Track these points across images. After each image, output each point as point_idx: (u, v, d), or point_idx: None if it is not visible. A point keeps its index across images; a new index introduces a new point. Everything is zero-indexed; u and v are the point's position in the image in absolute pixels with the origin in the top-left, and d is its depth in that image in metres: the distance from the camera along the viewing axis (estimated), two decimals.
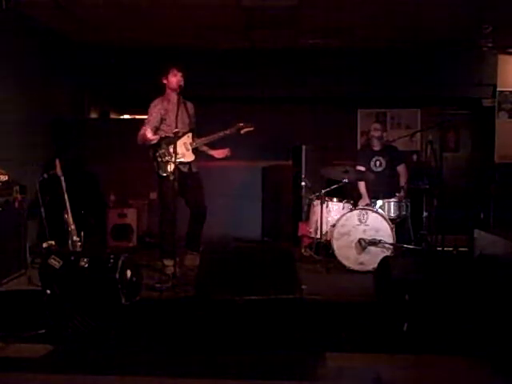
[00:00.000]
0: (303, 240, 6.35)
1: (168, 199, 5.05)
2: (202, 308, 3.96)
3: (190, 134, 5.23)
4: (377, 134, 6.23)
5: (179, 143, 5.10)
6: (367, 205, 5.90)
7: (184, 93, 5.15)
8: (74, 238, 4.68)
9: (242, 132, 5.22)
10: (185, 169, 5.21)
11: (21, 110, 6.22)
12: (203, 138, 5.27)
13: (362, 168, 6.15)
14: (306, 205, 6.50)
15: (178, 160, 4.98)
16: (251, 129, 5.24)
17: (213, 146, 5.36)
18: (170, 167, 4.98)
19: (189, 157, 5.20)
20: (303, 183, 6.64)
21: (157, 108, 5.20)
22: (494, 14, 6.00)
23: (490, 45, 6.82)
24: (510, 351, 3.17)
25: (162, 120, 5.17)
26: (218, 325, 3.70)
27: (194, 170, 5.28)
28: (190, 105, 5.35)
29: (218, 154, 5.34)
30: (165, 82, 5.19)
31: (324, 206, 5.72)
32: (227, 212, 7.34)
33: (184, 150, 5.17)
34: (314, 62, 7.69)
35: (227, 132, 5.21)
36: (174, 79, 5.13)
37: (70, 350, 3.30)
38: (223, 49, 7.62)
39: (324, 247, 5.70)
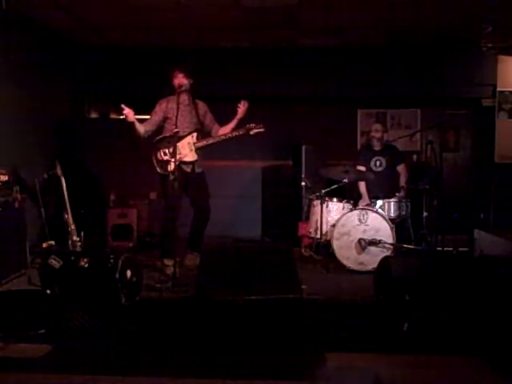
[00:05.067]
0: (303, 240, 6.35)
1: (168, 199, 5.06)
2: (202, 308, 3.97)
3: (195, 134, 5.23)
4: (377, 134, 6.23)
5: (183, 143, 5.13)
6: (367, 205, 5.90)
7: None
8: (74, 237, 4.68)
9: (251, 133, 5.23)
10: (188, 169, 5.22)
11: (21, 110, 6.22)
12: (210, 138, 5.27)
13: (362, 168, 6.15)
14: (306, 205, 6.50)
15: (179, 159, 5.00)
16: (261, 130, 5.23)
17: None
18: (171, 166, 4.99)
19: (191, 157, 5.21)
20: (303, 183, 6.63)
21: (161, 107, 5.24)
22: (493, 13, 6.01)
23: (489, 45, 6.82)
24: (510, 351, 3.17)
25: (166, 119, 5.20)
26: (218, 325, 3.70)
27: (197, 170, 5.29)
28: (201, 104, 5.36)
29: (241, 113, 5.31)
30: (173, 84, 5.22)
31: (324, 205, 5.72)
32: (227, 212, 7.34)
33: (187, 150, 5.18)
34: (313, 61, 7.69)
35: (236, 133, 5.21)
36: (176, 80, 5.15)
37: (70, 350, 3.30)
38: (223, 48, 7.62)
39: (324, 247, 5.70)
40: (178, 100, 5.07)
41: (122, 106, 5.06)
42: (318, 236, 5.76)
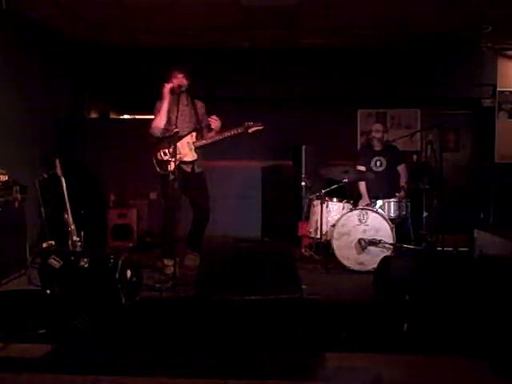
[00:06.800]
0: (303, 240, 6.35)
1: (169, 198, 5.06)
2: (202, 308, 3.96)
3: (194, 134, 5.23)
4: (378, 135, 6.23)
5: (183, 142, 5.13)
6: (367, 205, 5.90)
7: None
8: (74, 237, 4.68)
9: (250, 131, 5.20)
10: (188, 168, 5.23)
11: (21, 110, 6.22)
12: (208, 138, 5.26)
13: (362, 168, 6.15)
14: (305, 205, 6.50)
15: (179, 159, 5.00)
16: (260, 128, 5.21)
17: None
18: (171, 166, 4.99)
19: (191, 156, 5.21)
20: (303, 183, 6.63)
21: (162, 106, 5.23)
22: (494, 13, 6.00)
23: (489, 45, 6.82)
24: (510, 351, 3.17)
25: (167, 119, 5.20)
26: (218, 325, 3.70)
27: (197, 170, 5.29)
28: (200, 104, 5.36)
29: (214, 125, 5.23)
30: (171, 83, 5.22)
31: (324, 205, 5.72)
32: (227, 212, 7.34)
33: (187, 150, 5.18)
34: (314, 61, 7.69)
35: (235, 132, 5.19)
36: (176, 81, 5.16)
37: (70, 350, 3.30)
38: (223, 49, 7.62)
39: (324, 247, 5.70)
40: (178, 100, 5.08)
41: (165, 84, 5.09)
42: (318, 236, 5.76)
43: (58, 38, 7.14)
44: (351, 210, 5.68)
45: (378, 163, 6.20)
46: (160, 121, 5.15)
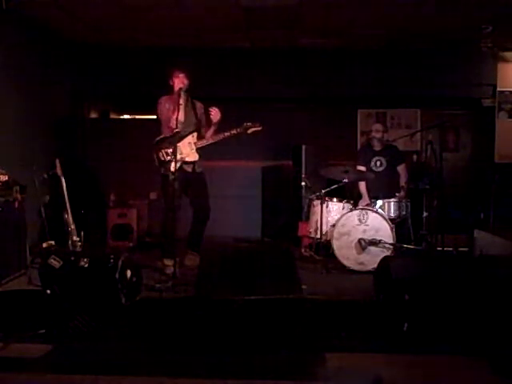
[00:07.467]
0: (303, 240, 6.35)
1: (169, 198, 5.06)
2: (202, 308, 3.97)
3: (195, 134, 5.23)
4: (378, 135, 6.22)
5: (184, 143, 5.13)
6: (367, 205, 5.90)
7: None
8: (74, 237, 4.68)
9: (249, 132, 5.21)
10: (189, 168, 5.23)
11: (21, 110, 6.22)
12: (208, 138, 5.27)
13: (362, 168, 6.15)
14: (305, 205, 6.50)
15: (181, 160, 5.00)
16: (259, 128, 5.22)
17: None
18: (171, 166, 4.99)
19: (192, 156, 5.21)
20: (303, 183, 6.64)
21: (165, 106, 5.22)
22: (493, 13, 6.01)
23: (489, 45, 6.82)
24: (510, 351, 3.17)
25: (167, 118, 5.20)
26: (217, 325, 3.70)
27: (198, 170, 5.29)
28: (199, 105, 5.36)
29: (214, 116, 5.22)
30: (171, 83, 5.22)
31: (324, 205, 5.72)
32: (227, 212, 7.35)
33: (188, 150, 5.18)
34: (314, 61, 7.69)
35: (234, 132, 5.19)
36: (176, 80, 5.16)
37: (70, 350, 3.30)
38: (223, 49, 7.62)
39: (324, 247, 5.70)
40: (179, 100, 5.08)
41: None
42: (318, 236, 5.76)
43: (58, 38, 7.14)
44: (351, 210, 5.68)
45: (378, 163, 6.20)
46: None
